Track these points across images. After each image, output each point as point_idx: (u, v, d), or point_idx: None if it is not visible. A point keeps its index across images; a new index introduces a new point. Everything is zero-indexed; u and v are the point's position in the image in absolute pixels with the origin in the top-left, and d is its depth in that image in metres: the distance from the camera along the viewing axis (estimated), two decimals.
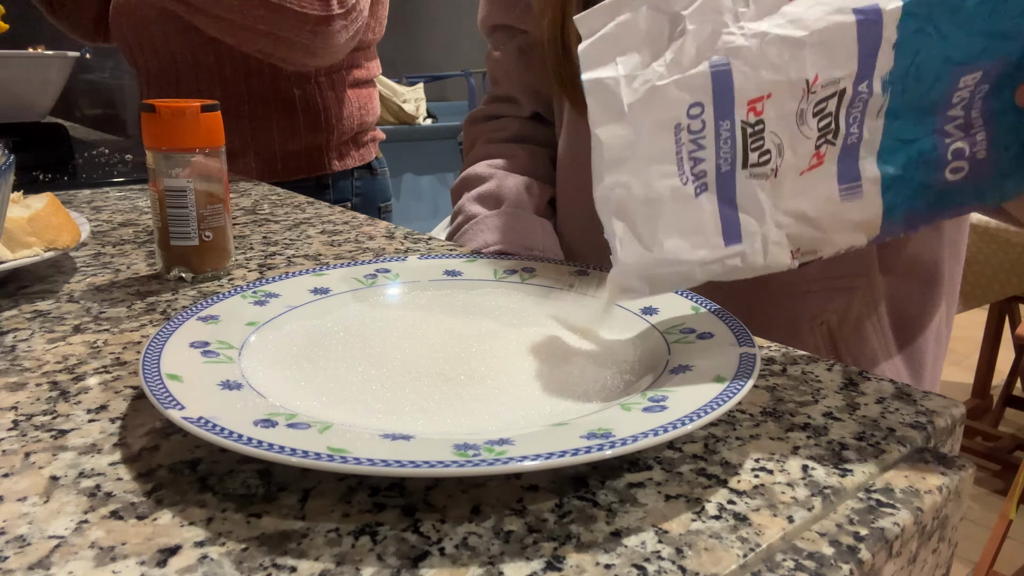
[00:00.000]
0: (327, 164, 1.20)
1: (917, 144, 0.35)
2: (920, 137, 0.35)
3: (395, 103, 3.41)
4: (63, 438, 0.35)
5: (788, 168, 0.35)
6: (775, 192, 0.35)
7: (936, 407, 0.38)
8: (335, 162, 1.21)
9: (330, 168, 1.20)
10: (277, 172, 1.16)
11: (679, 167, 0.34)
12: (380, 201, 1.31)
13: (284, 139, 1.15)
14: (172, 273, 0.58)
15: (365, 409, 0.35)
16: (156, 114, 0.54)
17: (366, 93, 1.24)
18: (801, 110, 0.34)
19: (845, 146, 0.35)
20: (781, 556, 0.28)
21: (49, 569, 0.26)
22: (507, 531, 0.28)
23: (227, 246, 0.59)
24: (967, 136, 0.35)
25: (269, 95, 1.13)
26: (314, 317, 0.46)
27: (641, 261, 0.36)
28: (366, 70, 1.23)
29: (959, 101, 0.34)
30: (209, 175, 0.56)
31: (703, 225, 0.35)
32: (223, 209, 0.57)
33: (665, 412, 0.32)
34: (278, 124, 1.14)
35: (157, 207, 0.56)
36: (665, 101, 0.33)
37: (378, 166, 1.31)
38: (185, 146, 0.55)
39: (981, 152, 0.35)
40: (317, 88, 1.15)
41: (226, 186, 0.57)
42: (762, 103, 0.33)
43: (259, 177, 1.14)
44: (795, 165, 0.35)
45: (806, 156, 0.34)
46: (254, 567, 0.26)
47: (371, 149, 1.29)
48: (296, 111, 1.15)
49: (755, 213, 0.35)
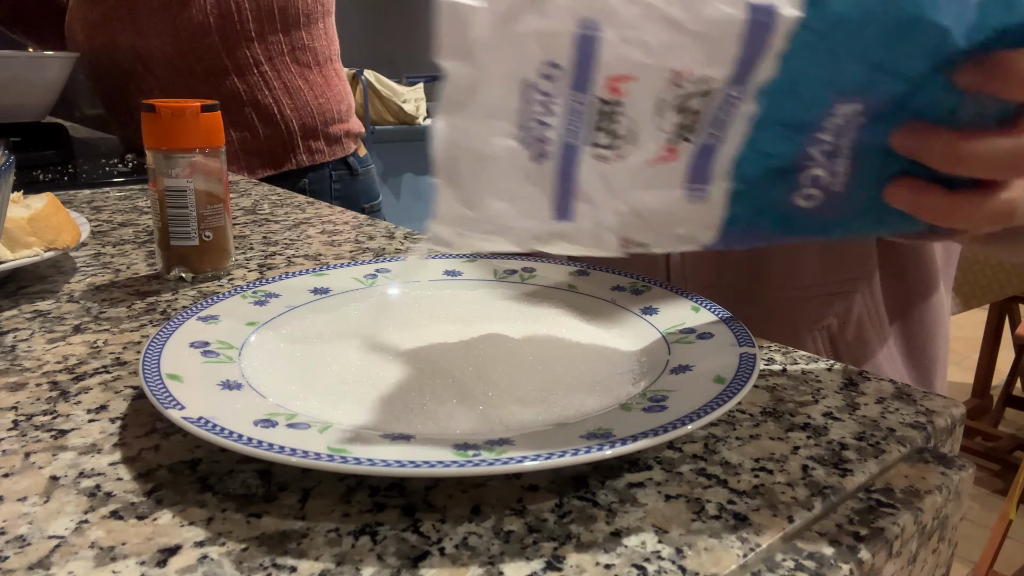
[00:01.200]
0: (292, 159, 1.14)
1: (777, 160, 0.32)
2: (782, 154, 0.32)
3: (395, 103, 3.41)
4: (63, 438, 0.35)
5: (637, 156, 0.32)
6: (618, 178, 0.32)
7: (936, 407, 0.38)
8: (301, 156, 1.14)
9: (296, 164, 1.14)
10: (240, 170, 1.12)
11: (520, 129, 0.31)
12: (365, 202, 1.25)
13: (241, 137, 1.11)
14: (172, 273, 0.58)
15: (365, 409, 0.35)
16: (156, 114, 0.54)
17: (321, 79, 1.16)
18: (663, 100, 0.31)
19: (702, 146, 0.32)
20: (781, 556, 0.28)
21: (49, 569, 0.26)
22: (507, 531, 0.28)
23: (227, 246, 0.59)
24: (830, 165, 0.33)
25: (211, 92, 1.08)
26: (314, 317, 0.46)
27: (460, 218, 0.32)
28: (312, 52, 1.15)
29: (832, 128, 0.32)
30: (209, 175, 0.56)
31: (535, 196, 0.32)
32: (223, 209, 0.57)
33: (665, 412, 0.32)
34: (230, 121, 1.09)
35: (157, 207, 0.56)
36: (519, 51, 0.29)
37: (359, 165, 1.23)
38: (185, 146, 0.55)
39: (838, 185, 0.33)
40: (261, 78, 1.10)
41: (226, 186, 0.57)
42: (625, 84, 0.30)
43: None
44: (645, 155, 0.32)
45: (659, 148, 0.32)
46: (254, 567, 0.26)
47: (346, 144, 1.21)
48: (244, 105, 1.10)
49: (593, 195, 0.32)
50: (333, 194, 1.21)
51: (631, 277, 0.50)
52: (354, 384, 0.37)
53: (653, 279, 0.49)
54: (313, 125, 1.16)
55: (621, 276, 0.50)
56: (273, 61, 1.11)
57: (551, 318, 0.46)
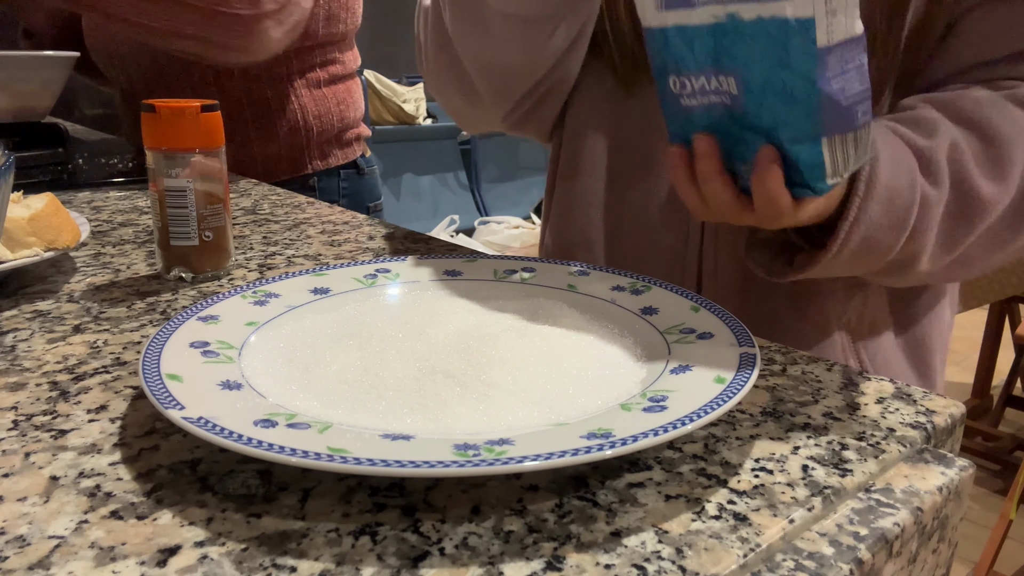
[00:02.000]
0: (308, 164, 1.17)
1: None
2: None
3: (395, 103, 3.41)
4: (63, 438, 0.35)
5: None
6: None
7: (936, 407, 0.38)
8: (317, 162, 1.18)
9: (312, 168, 1.18)
10: (259, 175, 1.14)
11: None
12: (369, 201, 1.28)
13: (263, 142, 1.13)
14: (172, 273, 0.58)
15: (365, 409, 0.35)
16: (156, 114, 0.54)
17: (344, 88, 1.20)
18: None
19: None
20: (781, 556, 0.28)
21: (49, 569, 0.26)
22: (507, 531, 0.28)
23: (227, 246, 0.59)
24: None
25: (242, 96, 1.10)
26: (314, 317, 0.46)
27: None
28: (342, 65, 1.19)
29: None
30: (209, 175, 0.56)
31: None
32: (223, 209, 0.57)
33: (665, 412, 0.32)
34: (254, 126, 1.12)
35: (157, 207, 0.56)
36: None
37: (365, 165, 1.27)
38: (185, 146, 0.55)
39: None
40: (291, 88, 1.13)
41: (226, 186, 0.57)
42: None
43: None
44: None
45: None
46: (254, 567, 0.26)
47: (356, 147, 1.25)
48: (271, 112, 1.13)
49: None
50: (341, 192, 1.23)
51: (632, 277, 0.50)
52: (354, 384, 0.37)
53: (653, 279, 0.49)
54: (331, 133, 1.19)
55: (621, 276, 0.50)
56: (305, 73, 1.14)
57: (551, 318, 0.46)
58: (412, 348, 0.41)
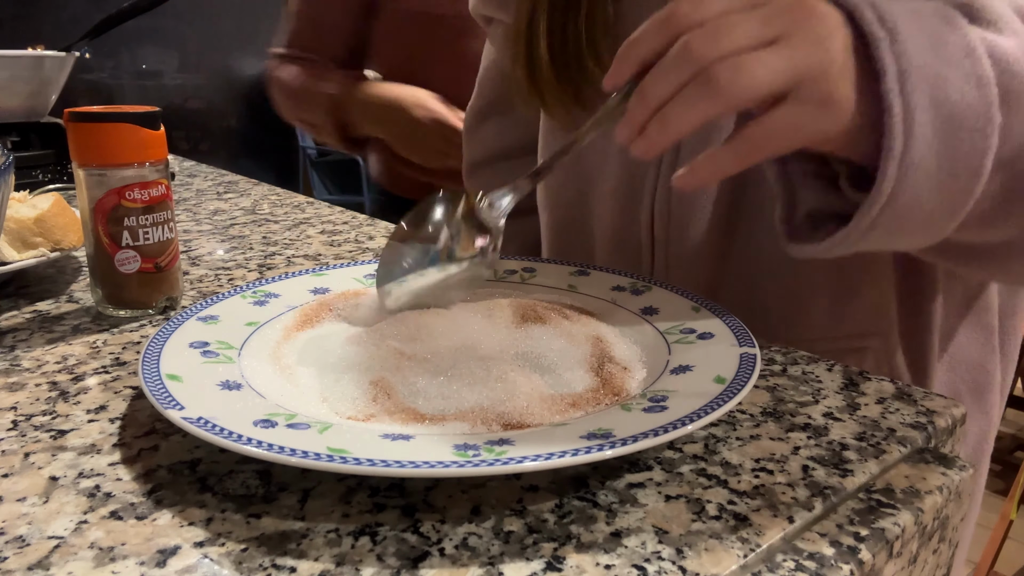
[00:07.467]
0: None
1: None
2: None
3: None
4: (63, 438, 0.35)
5: None
6: None
7: (936, 407, 0.38)
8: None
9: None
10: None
11: None
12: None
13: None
14: (106, 308, 0.50)
15: (365, 409, 0.35)
16: (84, 124, 0.47)
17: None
18: None
19: None
20: (781, 556, 0.28)
21: (49, 569, 0.26)
22: (507, 531, 0.28)
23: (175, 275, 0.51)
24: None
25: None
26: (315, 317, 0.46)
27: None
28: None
29: None
30: (148, 191, 0.48)
31: None
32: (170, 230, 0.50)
33: (665, 412, 0.32)
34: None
35: (89, 231, 0.48)
36: None
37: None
38: (120, 161, 0.47)
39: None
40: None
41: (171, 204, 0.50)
42: None
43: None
44: None
45: None
46: (254, 567, 0.26)
47: None
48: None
49: None
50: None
51: (631, 277, 0.50)
52: (354, 384, 0.37)
53: (653, 279, 0.49)
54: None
55: (621, 276, 0.50)
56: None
57: (551, 318, 0.46)
58: (412, 347, 0.41)
